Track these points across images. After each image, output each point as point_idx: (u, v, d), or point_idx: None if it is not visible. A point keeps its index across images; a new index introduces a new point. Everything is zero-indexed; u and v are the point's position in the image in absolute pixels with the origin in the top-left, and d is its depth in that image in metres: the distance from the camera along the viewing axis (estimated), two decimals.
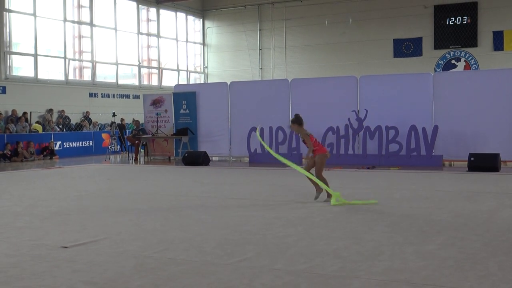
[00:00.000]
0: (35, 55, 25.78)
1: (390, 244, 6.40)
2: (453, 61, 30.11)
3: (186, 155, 18.81)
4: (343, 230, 7.30)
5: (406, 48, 31.02)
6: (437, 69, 29.64)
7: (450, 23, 30.03)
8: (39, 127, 24.09)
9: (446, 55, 30.18)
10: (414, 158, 16.90)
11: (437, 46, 30.39)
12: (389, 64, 30.56)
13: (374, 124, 17.36)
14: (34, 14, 25.59)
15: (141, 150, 21.89)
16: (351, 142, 17.76)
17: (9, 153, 21.17)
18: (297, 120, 10.18)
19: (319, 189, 9.88)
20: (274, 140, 18.73)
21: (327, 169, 14.85)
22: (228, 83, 20.91)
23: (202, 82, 35.64)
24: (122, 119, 26.71)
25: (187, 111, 21.10)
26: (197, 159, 18.33)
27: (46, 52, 26.77)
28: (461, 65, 29.90)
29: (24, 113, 23.65)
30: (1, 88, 24.08)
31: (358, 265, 5.53)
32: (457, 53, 30.03)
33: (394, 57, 31.18)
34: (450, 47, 30.13)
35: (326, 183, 9.66)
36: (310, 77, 23.76)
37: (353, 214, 8.54)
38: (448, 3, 30.00)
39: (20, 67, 25.76)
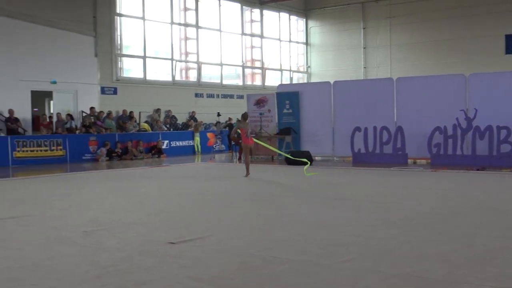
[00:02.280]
0: (144, 57, 26.77)
1: (502, 249, 6.12)
2: None
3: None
4: (451, 233, 7.05)
5: None
6: None
7: None
8: (147, 127, 25.01)
9: None
10: None
11: None
12: (500, 61, 29.13)
13: (484, 123, 16.66)
14: (143, 18, 26.57)
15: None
16: (460, 142, 17.14)
17: (120, 151, 22.10)
18: (243, 116, 14.98)
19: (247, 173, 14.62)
20: (378, 140, 18.40)
21: (434, 170, 14.60)
22: (331, 83, 20.78)
23: (305, 81, 35.62)
24: (229, 118, 27.27)
25: (290, 110, 21.15)
26: (300, 158, 18.30)
27: (154, 54, 27.72)
28: None
29: (131, 113, 24.58)
30: (113, 89, 25.20)
31: (467, 270, 5.32)
32: None
33: (506, 53, 29.73)
34: None
35: (248, 164, 14.76)
36: (416, 75, 23.14)
37: (462, 217, 8.24)
38: None
39: (130, 68, 26.82)
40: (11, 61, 21.55)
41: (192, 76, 29.56)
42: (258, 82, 33.56)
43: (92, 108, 23.40)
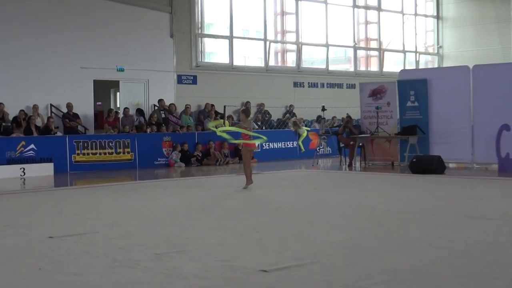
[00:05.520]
0: (230, 38, 27.07)
1: None
2: None
3: (414, 160, 18.57)
4: None
5: None
6: None
7: None
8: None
9: None
10: None
11: None
12: None
13: None
14: None
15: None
16: None
17: (200, 155, 22.35)
18: (244, 112, 15.35)
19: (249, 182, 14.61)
20: None
21: None
22: (470, 67, 20.30)
23: (436, 66, 35.00)
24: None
25: (416, 103, 20.82)
26: (429, 165, 18.00)
27: (242, 34, 28.03)
28: None
29: (212, 106, 24.79)
30: (192, 77, 25.60)
31: None
32: None
33: None
34: None
35: (250, 172, 14.67)
36: None
37: None
38: None
39: (213, 52, 27.24)
40: (70, 45, 22.13)
41: (290, 61, 29.69)
42: (374, 67, 33.29)
43: (160, 101, 23.78)
